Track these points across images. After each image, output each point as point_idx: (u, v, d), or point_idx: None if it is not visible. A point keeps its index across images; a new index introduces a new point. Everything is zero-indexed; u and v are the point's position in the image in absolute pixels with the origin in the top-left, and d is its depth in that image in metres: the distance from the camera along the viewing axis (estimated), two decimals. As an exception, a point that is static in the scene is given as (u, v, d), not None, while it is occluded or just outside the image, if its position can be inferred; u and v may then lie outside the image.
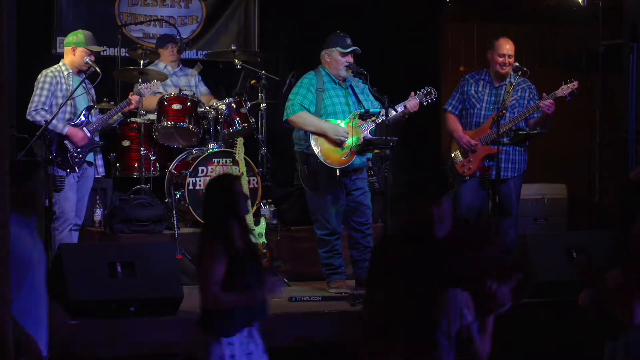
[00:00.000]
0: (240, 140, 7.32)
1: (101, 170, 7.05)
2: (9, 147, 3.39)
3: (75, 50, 6.80)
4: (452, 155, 7.07)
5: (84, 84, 6.82)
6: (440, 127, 9.17)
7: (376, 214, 7.14)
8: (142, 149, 7.38)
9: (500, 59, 6.98)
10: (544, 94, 6.85)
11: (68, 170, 6.70)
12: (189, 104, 7.56)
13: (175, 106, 7.50)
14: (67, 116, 6.76)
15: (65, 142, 6.72)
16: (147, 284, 5.60)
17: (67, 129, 6.70)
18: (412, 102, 6.74)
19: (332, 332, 5.77)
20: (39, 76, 6.76)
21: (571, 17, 8.63)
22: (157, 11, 8.66)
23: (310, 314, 5.89)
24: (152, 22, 8.58)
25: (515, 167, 7.03)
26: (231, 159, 7.44)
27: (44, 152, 6.56)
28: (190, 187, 7.35)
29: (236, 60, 7.86)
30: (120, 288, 5.55)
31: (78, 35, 6.85)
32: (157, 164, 7.67)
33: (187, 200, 7.32)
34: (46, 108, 6.68)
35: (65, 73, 6.78)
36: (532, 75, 7.02)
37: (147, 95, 7.32)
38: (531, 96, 7.06)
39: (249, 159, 7.40)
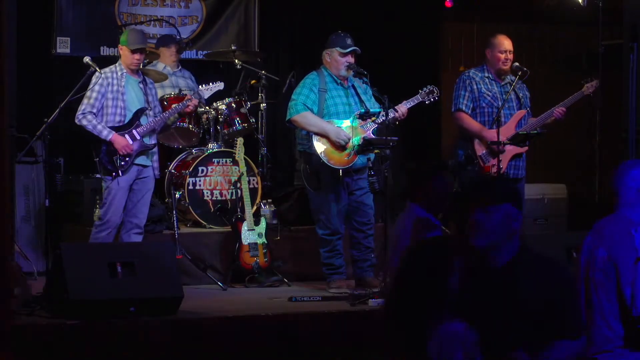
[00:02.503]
0: (240, 140, 7.32)
1: (157, 172, 6.85)
2: (9, 147, 3.39)
3: (122, 50, 6.68)
4: (480, 155, 6.90)
5: (141, 84, 6.74)
6: (440, 126, 9.19)
7: (377, 214, 7.14)
8: (142, 149, 7.38)
9: (502, 56, 6.95)
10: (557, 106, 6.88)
11: (114, 174, 6.56)
12: (189, 104, 7.56)
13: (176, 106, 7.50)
14: (117, 118, 6.61)
15: (112, 145, 6.58)
16: (147, 284, 5.60)
17: (111, 136, 6.54)
18: (401, 111, 6.71)
19: (332, 332, 5.77)
20: (93, 77, 6.59)
21: (571, 17, 8.63)
22: (157, 11, 8.66)
23: (310, 314, 5.88)
24: (152, 22, 8.58)
25: (524, 166, 7.04)
26: (231, 159, 7.45)
27: (45, 153, 6.57)
28: (190, 187, 7.36)
29: (236, 60, 7.86)
30: (120, 288, 5.55)
31: (124, 35, 6.75)
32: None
33: (187, 200, 7.33)
34: (94, 112, 6.54)
35: (119, 73, 6.64)
36: (532, 75, 7.02)
37: (206, 97, 7.32)
38: (529, 95, 7.10)
39: (249, 159, 7.40)
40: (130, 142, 6.58)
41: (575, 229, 8.32)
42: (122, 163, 6.57)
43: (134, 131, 6.63)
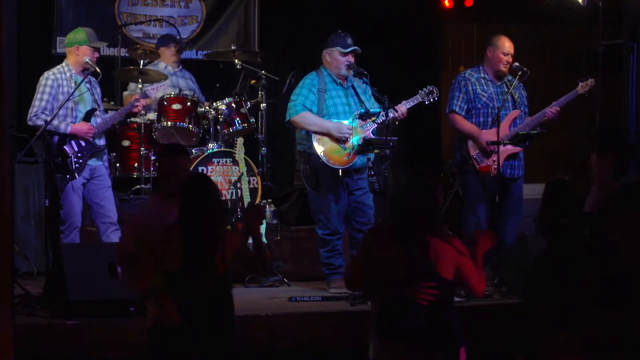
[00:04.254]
0: (240, 140, 7.32)
1: (108, 171, 6.89)
2: (9, 147, 3.39)
3: (79, 49, 6.67)
4: (473, 155, 6.90)
5: (87, 84, 6.73)
6: (440, 126, 9.19)
7: (377, 214, 7.14)
8: (142, 148, 7.38)
9: (505, 58, 6.94)
10: (551, 103, 6.87)
11: (68, 176, 6.57)
12: (189, 104, 7.56)
13: (175, 106, 7.51)
14: (69, 119, 6.62)
15: (65, 147, 6.59)
16: (147, 284, 5.59)
17: (70, 128, 6.57)
18: (400, 111, 6.71)
19: (332, 332, 5.77)
20: (41, 78, 6.62)
21: (571, 17, 8.63)
22: (157, 11, 8.67)
23: (310, 314, 5.88)
24: (152, 22, 8.59)
25: (522, 165, 7.04)
26: (231, 159, 7.45)
27: (45, 153, 6.56)
28: (190, 187, 7.35)
29: (236, 60, 7.86)
30: (120, 288, 5.54)
31: (79, 34, 6.72)
32: (157, 164, 7.68)
33: (187, 200, 7.32)
34: (47, 112, 6.54)
35: (68, 74, 6.64)
36: (532, 75, 7.02)
37: (153, 97, 7.29)
38: (526, 95, 7.10)
39: (249, 159, 7.40)
40: (88, 126, 6.60)
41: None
42: (77, 165, 6.57)
43: None
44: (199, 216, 4.20)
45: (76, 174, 6.58)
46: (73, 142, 6.63)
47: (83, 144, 6.62)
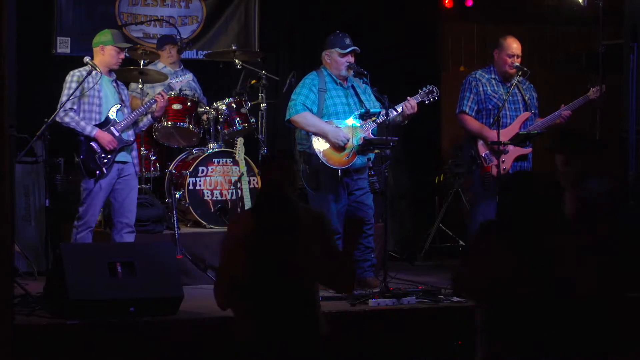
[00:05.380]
0: (240, 140, 7.32)
1: (137, 169, 6.85)
2: (9, 147, 3.39)
3: (104, 50, 6.68)
4: (483, 155, 6.88)
5: (114, 84, 6.75)
6: (440, 126, 9.19)
7: (377, 214, 7.14)
8: (142, 149, 7.37)
9: (510, 60, 6.95)
10: (563, 106, 6.88)
11: (97, 172, 6.55)
12: (189, 104, 7.57)
13: (176, 106, 7.51)
14: (94, 116, 6.61)
15: (92, 143, 6.56)
16: (147, 284, 5.59)
17: (95, 132, 6.55)
18: (409, 104, 6.70)
19: (332, 332, 5.76)
20: (67, 77, 6.60)
21: (571, 17, 8.63)
22: (157, 11, 8.66)
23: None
24: (152, 22, 8.58)
25: (531, 168, 7.04)
26: (231, 159, 7.45)
27: (45, 153, 6.56)
28: (190, 187, 7.36)
29: (236, 60, 7.86)
30: (120, 288, 5.55)
31: (105, 35, 6.74)
32: (157, 164, 7.69)
33: (187, 200, 7.32)
34: (75, 108, 6.54)
35: (94, 73, 6.63)
36: (532, 75, 7.02)
37: (177, 89, 7.29)
38: (536, 96, 7.10)
39: (249, 159, 7.41)
40: (117, 134, 6.59)
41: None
42: (105, 160, 6.57)
43: (111, 128, 6.62)
44: (272, 227, 3.96)
45: (104, 169, 6.56)
46: None
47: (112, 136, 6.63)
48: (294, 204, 4.05)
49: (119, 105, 6.70)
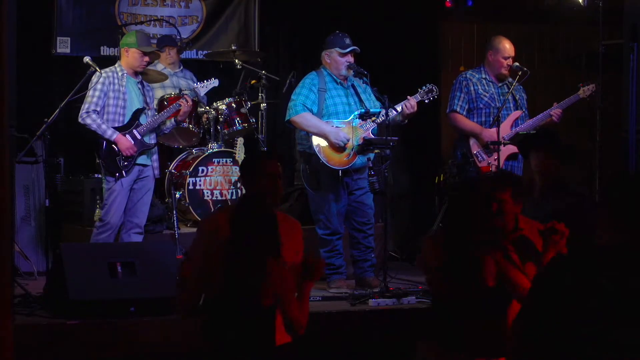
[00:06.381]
0: (240, 140, 7.33)
1: (157, 172, 6.90)
2: (9, 147, 3.39)
3: (128, 52, 6.73)
4: (475, 153, 6.93)
5: (139, 86, 6.78)
6: (440, 126, 9.18)
7: (377, 214, 7.14)
8: (142, 149, 7.38)
9: (505, 62, 6.99)
10: (555, 104, 6.86)
11: (117, 174, 6.59)
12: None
13: (176, 106, 7.51)
14: (118, 117, 6.65)
15: (114, 146, 6.60)
16: (147, 284, 5.60)
17: (116, 136, 6.60)
18: (409, 103, 6.70)
19: (333, 332, 5.76)
20: (93, 77, 6.63)
21: (571, 17, 8.63)
22: (157, 11, 8.66)
23: (310, 314, 5.86)
24: (152, 22, 8.58)
25: (521, 167, 7.05)
26: (231, 159, 7.46)
27: (45, 153, 6.56)
28: (190, 187, 7.36)
29: (236, 60, 7.86)
30: (120, 288, 5.55)
31: (130, 37, 6.80)
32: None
33: (187, 200, 7.33)
34: (98, 109, 6.59)
35: (120, 74, 6.69)
36: (532, 75, 7.03)
37: (202, 94, 7.32)
38: (526, 97, 7.13)
39: (249, 159, 7.40)
40: (133, 143, 6.60)
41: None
42: (125, 163, 6.61)
43: (134, 131, 6.66)
44: (249, 240, 3.79)
45: (124, 172, 6.61)
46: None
47: (132, 141, 6.64)
48: (274, 222, 3.89)
49: (142, 109, 6.74)
